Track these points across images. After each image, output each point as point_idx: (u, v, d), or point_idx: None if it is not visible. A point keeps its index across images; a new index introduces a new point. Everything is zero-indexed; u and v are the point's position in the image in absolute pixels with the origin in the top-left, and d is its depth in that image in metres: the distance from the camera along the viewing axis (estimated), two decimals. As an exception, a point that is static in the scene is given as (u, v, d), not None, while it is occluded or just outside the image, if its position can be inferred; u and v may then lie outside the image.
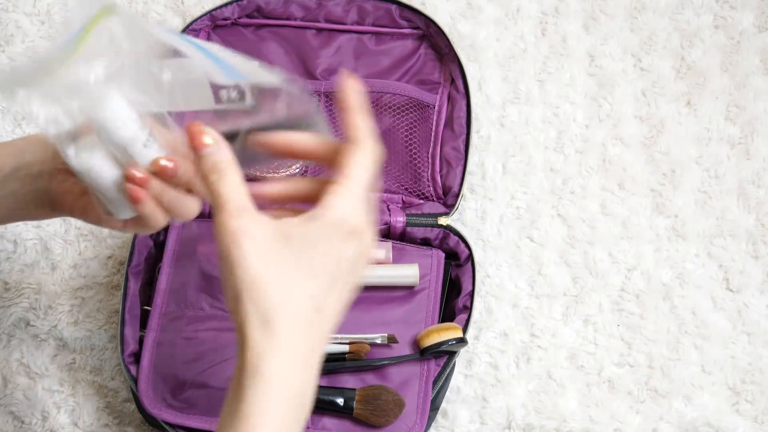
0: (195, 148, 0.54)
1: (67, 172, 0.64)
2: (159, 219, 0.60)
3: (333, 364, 0.81)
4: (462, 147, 0.91)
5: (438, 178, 0.91)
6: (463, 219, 0.93)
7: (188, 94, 0.64)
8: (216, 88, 0.63)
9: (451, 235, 0.89)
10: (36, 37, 0.98)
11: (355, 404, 0.80)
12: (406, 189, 0.91)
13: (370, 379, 0.82)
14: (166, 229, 0.89)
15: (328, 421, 0.81)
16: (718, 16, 0.99)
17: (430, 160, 0.91)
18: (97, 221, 0.65)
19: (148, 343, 0.83)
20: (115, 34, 0.55)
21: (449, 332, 0.82)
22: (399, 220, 0.88)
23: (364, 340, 0.83)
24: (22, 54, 0.97)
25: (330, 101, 0.91)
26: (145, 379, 0.81)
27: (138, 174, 0.57)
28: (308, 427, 0.80)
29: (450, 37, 0.91)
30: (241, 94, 0.63)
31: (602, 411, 0.88)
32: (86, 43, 0.54)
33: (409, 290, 0.86)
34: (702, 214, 0.94)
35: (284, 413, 0.51)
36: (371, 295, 0.85)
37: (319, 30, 0.94)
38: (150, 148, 0.58)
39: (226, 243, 0.51)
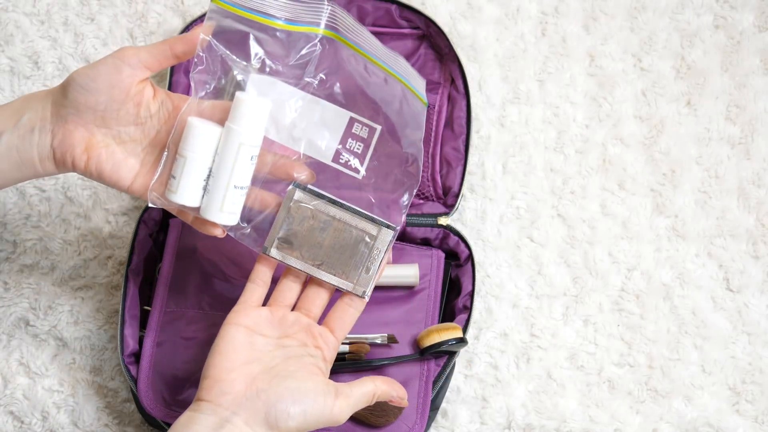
0: None
1: (73, 123, 0.68)
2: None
3: (333, 364, 0.81)
4: (462, 147, 0.91)
5: (438, 178, 0.91)
6: (463, 219, 0.93)
7: (311, 137, 0.68)
8: (340, 150, 0.68)
9: (451, 235, 0.89)
10: (36, 37, 0.98)
11: (355, 404, 0.80)
12: (406, 189, 0.91)
13: (370, 379, 0.82)
14: (165, 229, 0.89)
15: (328, 421, 0.81)
16: (718, 16, 0.99)
17: (430, 160, 0.91)
18: (99, 176, 0.70)
19: (148, 343, 0.83)
20: None
21: (449, 332, 0.82)
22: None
23: (364, 340, 0.83)
24: (22, 54, 0.97)
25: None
26: (145, 379, 0.81)
27: None
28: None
29: (450, 37, 0.91)
30: (359, 162, 0.68)
31: (602, 411, 0.88)
32: None
33: (409, 290, 0.86)
34: (702, 214, 0.94)
35: None
36: (371, 295, 0.85)
37: (319, 30, 0.94)
38: None
39: None
